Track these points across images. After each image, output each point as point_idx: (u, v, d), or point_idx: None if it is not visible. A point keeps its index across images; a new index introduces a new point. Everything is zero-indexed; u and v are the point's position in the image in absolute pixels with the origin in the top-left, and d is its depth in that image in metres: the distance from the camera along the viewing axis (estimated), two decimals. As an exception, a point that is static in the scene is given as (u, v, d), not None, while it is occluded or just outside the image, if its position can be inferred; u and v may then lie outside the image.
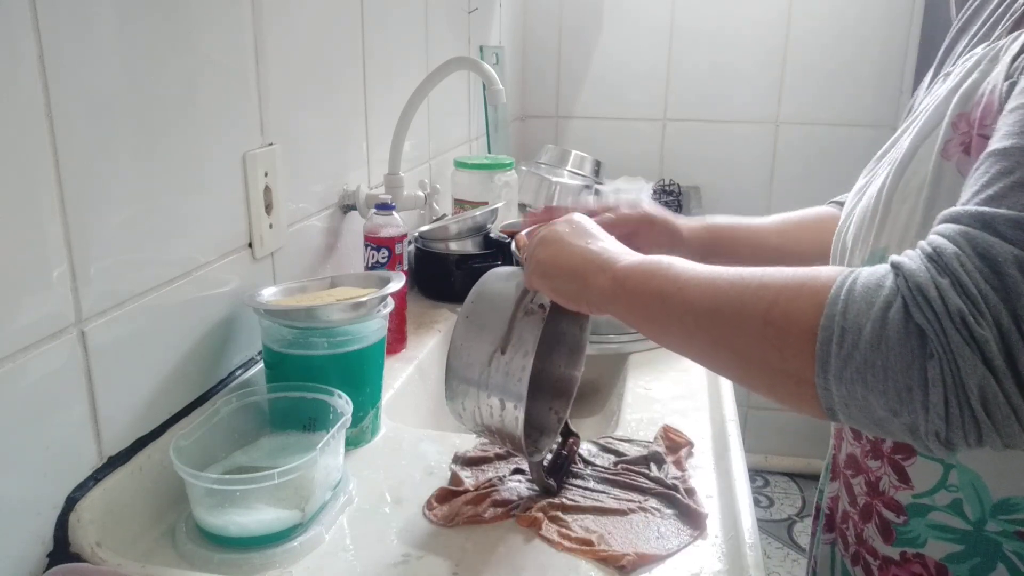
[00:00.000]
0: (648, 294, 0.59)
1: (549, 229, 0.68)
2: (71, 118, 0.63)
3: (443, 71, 1.15)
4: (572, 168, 1.97)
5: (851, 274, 0.47)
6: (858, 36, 2.16)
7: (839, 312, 0.45)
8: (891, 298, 0.44)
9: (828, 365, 0.45)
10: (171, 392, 0.78)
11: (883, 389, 0.44)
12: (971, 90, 0.56)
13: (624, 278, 0.60)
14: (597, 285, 0.62)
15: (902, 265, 0.45)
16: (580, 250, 0.65)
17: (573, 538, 0.69)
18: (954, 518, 0.59)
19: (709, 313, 0.53)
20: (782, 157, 2.28)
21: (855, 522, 0.67)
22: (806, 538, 2.26)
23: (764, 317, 0.49)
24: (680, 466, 0.81)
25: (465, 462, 0.82)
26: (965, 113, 0.55)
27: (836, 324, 0.45)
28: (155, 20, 0.72)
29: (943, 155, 0.55)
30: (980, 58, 0.58)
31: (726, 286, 0.53)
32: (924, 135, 0.59)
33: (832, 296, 0.46)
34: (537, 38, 2.35)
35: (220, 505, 0.67)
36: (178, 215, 0.77)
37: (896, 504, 0.62)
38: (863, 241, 0.63)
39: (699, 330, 0.55)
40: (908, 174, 0.59)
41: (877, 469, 0.63)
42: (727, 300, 0.52)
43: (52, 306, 0.63)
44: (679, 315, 0.56)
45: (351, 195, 1.14)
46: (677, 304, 0.56)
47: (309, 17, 1.01)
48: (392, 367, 1.03)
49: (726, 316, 0.52)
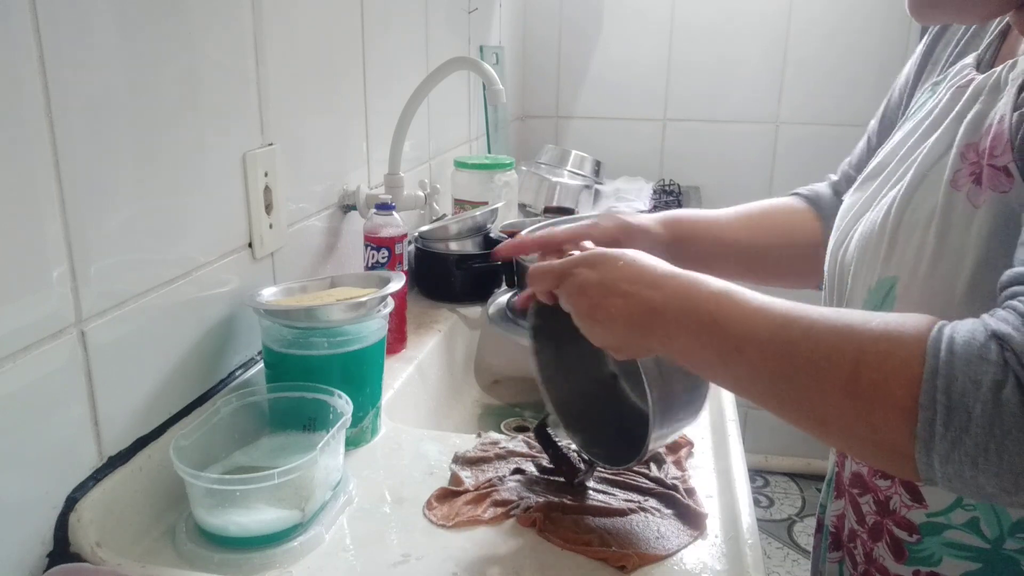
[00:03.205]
0: (703, 357, 0.56)
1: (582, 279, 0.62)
2: (71, 118, 0.63)
3: (443, 71, 1.15)
4: (572, 168, 1.97)
5: (941, 340, 0.44)
6: (858, 36, 2.16)
7: (940, 389, 0.43)
8: (1000, 376, 0.42)
9: (932, 445, 0.44)
10: (171, 392, 0.78)
11: (996, 472, 0.42)
12: (977, 120, 0.56)
13: (671, 339, 0.57)
14: (645, 346, 0.60)
15: (1009, 339, 0.42)
16: (620, 307, 0.59)
17: (573, 538, 0.69)
18: (971, 536, 0.58)
19: (779, 380, 0.50)
20: (782, 157, 2.28)
21: (864, 541, 0.66)
22: (806, 538, 2.26)
23: (846, 389, 0.47)
24: (680, 466, 0.81)
25: (465, 462, 0.82)
26: (973, 143, 0.55)
27: (939, 404, 0.43)
28: (155, 20, 0.72)
29: (953, 185, 0.55)
30: (980, 86, 0.57)
31: (790, 347, 0.50)
32: (930, 163, 0.58)
33: (929, 369, 0.44)
34: (537, 38, 2.35)
35: (220, 505, 0.67)
36: (178, 215, 0.77)
37: (908, 523, 0.61)
38: (868, 267, 0.62)
39: (770, 396, 0.52)
40: (915, 203, 0.58)
41: (887, 488, 0.63)
42: (798, 366, 0.49)
43: (52, 306, 0.63)
44: (746, 379, 0.53)
45: (351, 195, 1.14)
46: (740, 368, 0.53)
47: (309, 17, 1.01)
48: (392, 367, 1.03)
49: (801, 385, 0.49)
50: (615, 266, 0.61)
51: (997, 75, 0.57)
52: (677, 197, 2.04)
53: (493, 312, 1.22)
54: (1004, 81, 0.56)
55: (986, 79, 0.57)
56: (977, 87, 0.58)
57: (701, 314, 0.55)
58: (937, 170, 0.57)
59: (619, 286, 0.59)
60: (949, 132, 0.58)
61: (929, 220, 0.56)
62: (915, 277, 0.56)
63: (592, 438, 0.77)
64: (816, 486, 2.48)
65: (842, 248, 0.67)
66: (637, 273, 0.60)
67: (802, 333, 0.50)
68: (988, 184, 0.52)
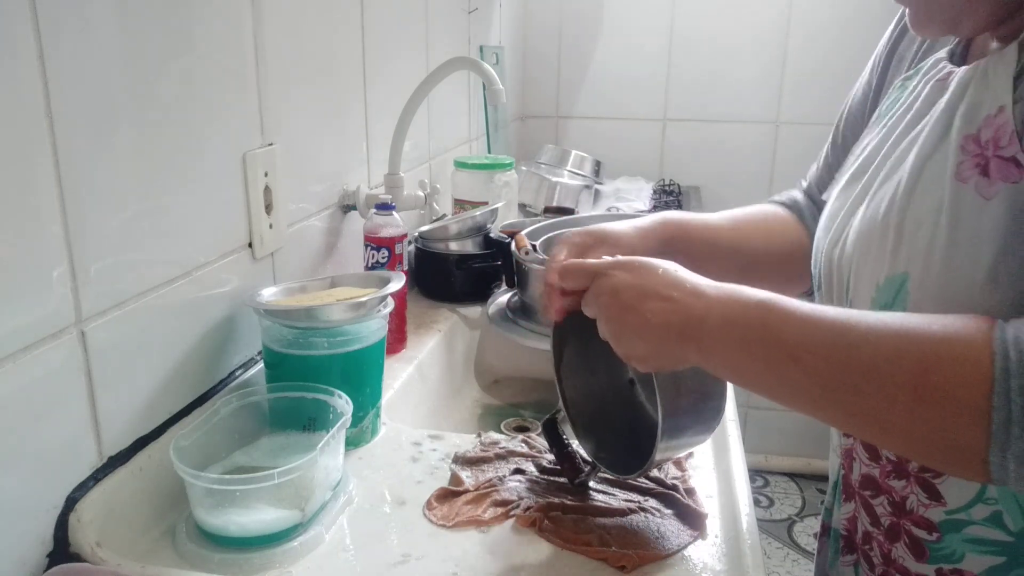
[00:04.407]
0: (749, 367, 0.55)
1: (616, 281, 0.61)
2: (71, 118, 0.63)
3: (443, 71, 1.15)
4: (572, 168, 1.97)
5: (1007, 340, 0.45)
6: (858, 36, 2.15)
7: (1015, 390, 0.44)
8: None
9: (1008, 445, 0.44)
10: (171, 392, 0.78)
11: None
12: (971, 111, 0.56)
13: (712, 348, 0.56)
14: (678, 356, 0.59)
15: None
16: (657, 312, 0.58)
17: (573, 538, 0.69)
18: (994, 531, 0.58)
19: (838, 388, 0.50)
20: (782, 157, 2.28)
21: (880, 542, 0.65)
22: (806, 538, 2.26)
23: (915, 393, 0.47)
24: (680, 466, 0.81)
25: (465, 462, 0.82)
26: (972, 135, 0.55)
27: (1015, 404, 0.44)
28: (155, 20, 0.72)
29: (958, 178, 0.55)
30: (966, 78, 0.57)
31: (850, 353, 0.50)
32: (926, 156, 0.58)
33: (1000, 370, 0.45)
34: (537, 38, 2.35)
35: (220, 505, 0.67)
36: (178, 215, 0.77)
37: (927, 522, 0.61)
38: (873, 265, 0.61)
39: (826, 404, 0.52)
40: (917, 197, 0.57)
41: (902, 489, 0.62)
42: (861, 372, 0.49)
43: (52, 306, 0.63)
44: (800, 388, 0.53)
45: (351, 195, 1.14)
46: (794, 376, 0.52)
47: (309, 17, 1.01)
48: (392, 367, 1.03)
49: (863, 392, 0.49)
50: (654, 272, 0.60)
51: (984, 66, 0.56)
52: (677, 197, 2.04)
53: (493, 312, 1.22)
54: (991, 72, 0.56)
55: (972, 70, 0.57)
56: (963, 79, 0.58)
57: (750, 321, 0.54)
58: (936, 163, 0.57)
59: (658, 290, 0.58)
60: (942, 123, 0.58)
61: (936, 214, 0.55)
62: (928, 272, 0.55)
63: (601, 442, 0.77)
64: (816, 486, 2.48)
65: (837, 248, 0.66)
66: (677, 280, 0.59)
67: (861, 338, 0.50)
68: (998, 176, 0.52)
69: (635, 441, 0.75)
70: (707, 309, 0.56)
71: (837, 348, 0.50)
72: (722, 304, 0.56)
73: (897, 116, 0.65)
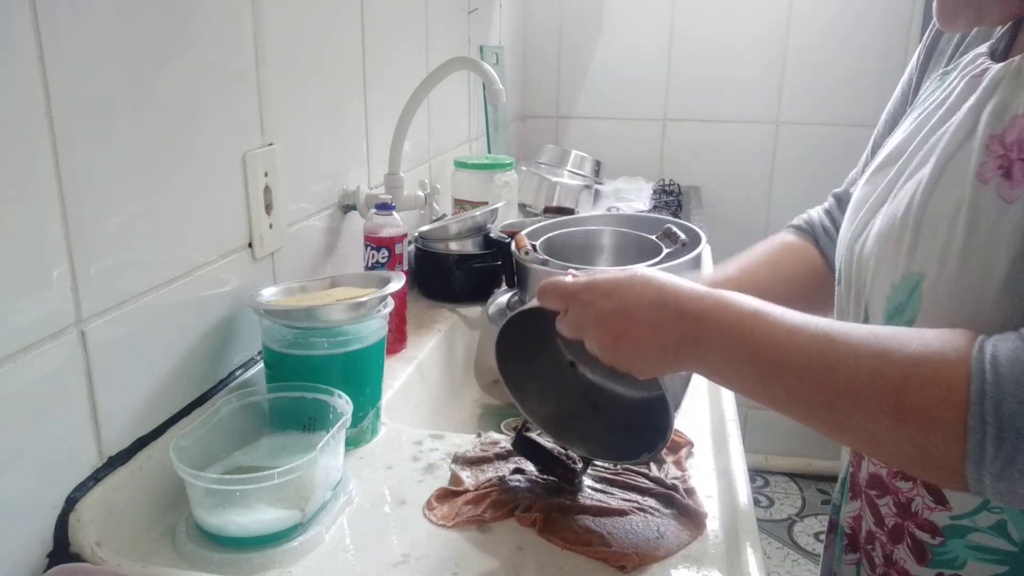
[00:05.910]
0: (740, 381, 0.56)
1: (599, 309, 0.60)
2: (71, 118, 0.63)
3: (443, 71, 1.15)
4: (572, 168, 1.97)
5: (984, 359, 0.45)
6: (858, 36, 2.16)
7: (989, 411, 0.44)
8: None
9: (983, 463, 0.45)
10: (171, 392, 0.78)
11: None
12: (999, 110, 0.54)
13: (707, 365, 0.57)
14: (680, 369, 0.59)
15: None
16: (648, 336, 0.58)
17: (573, 538, 0.69)
18: (998, 539, 0.57)
19: (819, 406, 0.51)
20: (782, 157, 2.28)
21: (883, 543, 0.65)
22: (806, 538, 2.26)
23: (893, 415, 0.48)
24: (680, 466, 0.81)
25: (465, 462, 0.82)
26: (997, 135, 0.53)
27: (989, 425, 0.44)
28: (155, 20, 0.72)
29: (980, 179, 0.53)
30: (998, 76, 0.56)
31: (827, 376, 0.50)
32: (950, 153, 0.57)
33: (975, 391, 0.45)
34: (537, 38, 2.35)
35: (220, 505, 0.67)
36: (178, 215, 0.77)
37: (931, 525, 0.60)
38: (889, 263, 0.60)
39: (813, 420, 0.53)
40: (938, 196, 0.56)
41: (908, 490, 0.62)
42: (839, 393, 0.50)
43: (52, 306, 0.63)
44: (786, 404, 0.54)
45: (351, 195, 1.14)
46: (779, 393, 0.54)
47: (309, 17, 1.01)
48: (392, 367, 1.03)
49: (843, 411, 0.50)
50: (632, 291, 0.59)
51: (1017, 64, 0.55)
52: (677, 197, 2.03)
53: (493, 312, 1.22)
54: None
55: (1004, 68, 0.56)
56: (995, 76, 0.56)
57: (734, 339, 0.55)
58: (959, 160, 0.55)
59: (643, 315, 0.58)
60: (968, 121, 0.56)
61: (955, 214, 0.54)
62: (943, 274, 0.54)
63: (583, 436, 0.77)
64: (816, 486, 2.48)
65: (859, 242, 0.65)
66: (659, 298, 0.58)
67: (839, 360, 0.50)
68: (1021, 179, 0.51)
69: (610, 419, 0.76)
70: (696, 328, 0.57)
71: (815, 370, 0.51)
72: (710, 320, 0.57)
73: (930, 110, 0.63)
